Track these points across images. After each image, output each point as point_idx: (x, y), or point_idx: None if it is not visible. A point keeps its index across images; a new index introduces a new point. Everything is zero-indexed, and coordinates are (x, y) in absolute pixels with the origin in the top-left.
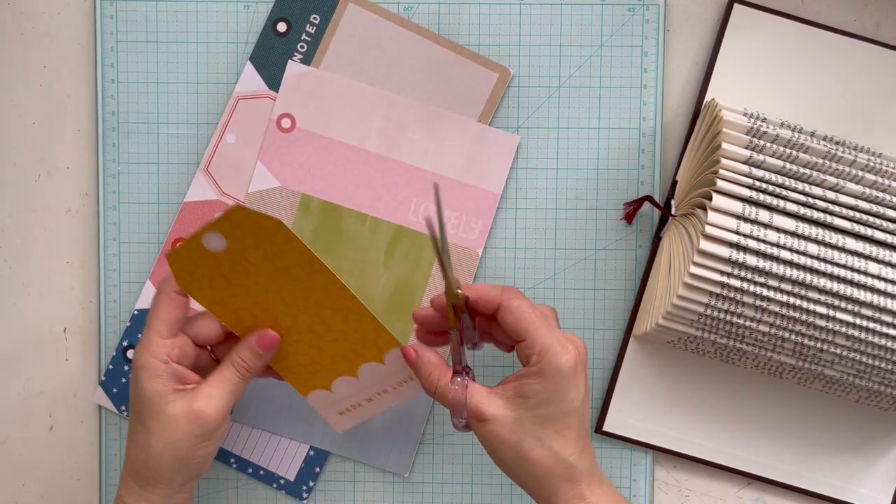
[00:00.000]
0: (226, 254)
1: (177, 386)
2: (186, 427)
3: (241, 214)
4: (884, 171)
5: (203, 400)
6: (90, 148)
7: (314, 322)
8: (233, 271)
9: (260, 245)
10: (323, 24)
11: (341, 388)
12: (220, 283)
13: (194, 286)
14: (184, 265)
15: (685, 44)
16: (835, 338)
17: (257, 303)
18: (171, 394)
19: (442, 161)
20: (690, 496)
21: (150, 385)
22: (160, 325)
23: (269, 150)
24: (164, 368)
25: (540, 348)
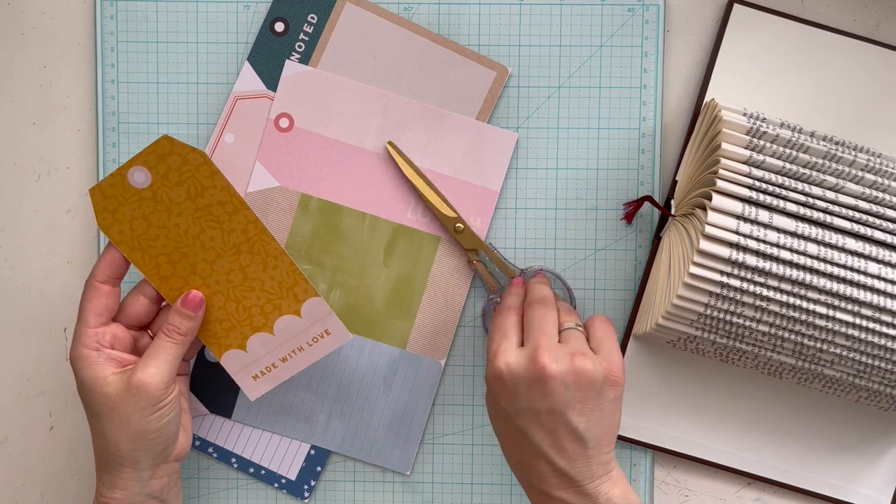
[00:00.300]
0: (149, 190)
1: (115, 370)
2: (130, 401)
3: (167, 146)
4: (884, 171)
5: (139, 372)
6: (90, 148)
7: (232, 269)
8: (155, 211)
9: (183, 180)
10: (321, 23)
11: (256, 347)
12: (141, 225)
13: (115, 227)
14: (107, 203)
15: (685, 44)
16: (835, 338)
17: (177, 248)
18: (109, 377)
19: (440, 159)
20: (690, 496)
21: (87, 373)
22: (87, 316)
23: (267, 150)
24: (96, 356)
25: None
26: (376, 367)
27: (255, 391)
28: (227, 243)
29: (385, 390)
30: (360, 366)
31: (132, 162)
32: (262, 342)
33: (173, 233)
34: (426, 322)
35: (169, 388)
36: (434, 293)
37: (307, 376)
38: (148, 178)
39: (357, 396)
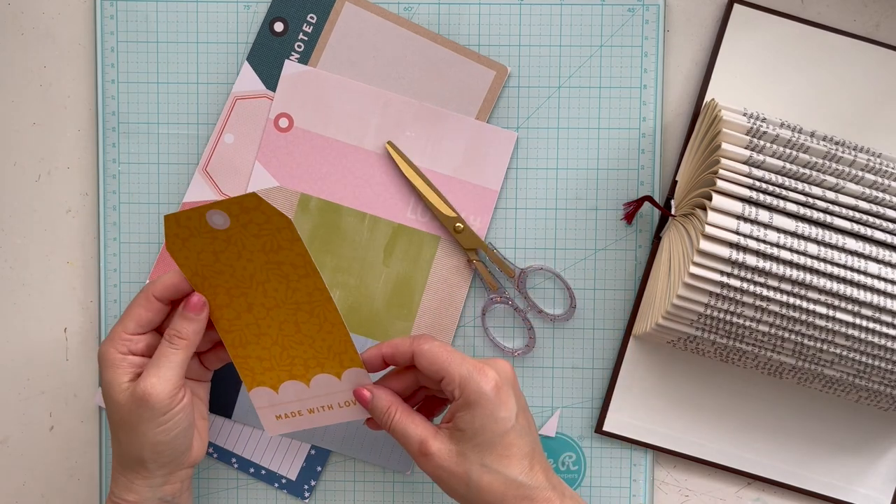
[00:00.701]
0: (225, 232)
1: (130, 378)
2: (136, 412)
3: (254, 202)
4: (884, 171)
5: (143, 382)
6: (90, 148)
7: (287, 320)
8: (225, 250)
9: (262, 235)
10: (320, 23)
11: (288, 392)
12: (208, 257)
13: (182, 252)
14: (179, 231)
15: (685, 44)
16: (835, 338)
17: (238, 285)
18: (123, 383)
19: (440, 158)
20: (690, 496)
21: (106, 375)
22: (129, 322)
23: (267, 150)
24: (120, 359)
25: (459, 381)
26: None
27: (275, 429)
28: (289, 298)
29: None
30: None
31: (215, 206)
32: (295, 389)
33: (239, 273)
34: (426, 322)
35: (174, 397)
36: (434, 293)
37: None
38: (227, 222)
39: None
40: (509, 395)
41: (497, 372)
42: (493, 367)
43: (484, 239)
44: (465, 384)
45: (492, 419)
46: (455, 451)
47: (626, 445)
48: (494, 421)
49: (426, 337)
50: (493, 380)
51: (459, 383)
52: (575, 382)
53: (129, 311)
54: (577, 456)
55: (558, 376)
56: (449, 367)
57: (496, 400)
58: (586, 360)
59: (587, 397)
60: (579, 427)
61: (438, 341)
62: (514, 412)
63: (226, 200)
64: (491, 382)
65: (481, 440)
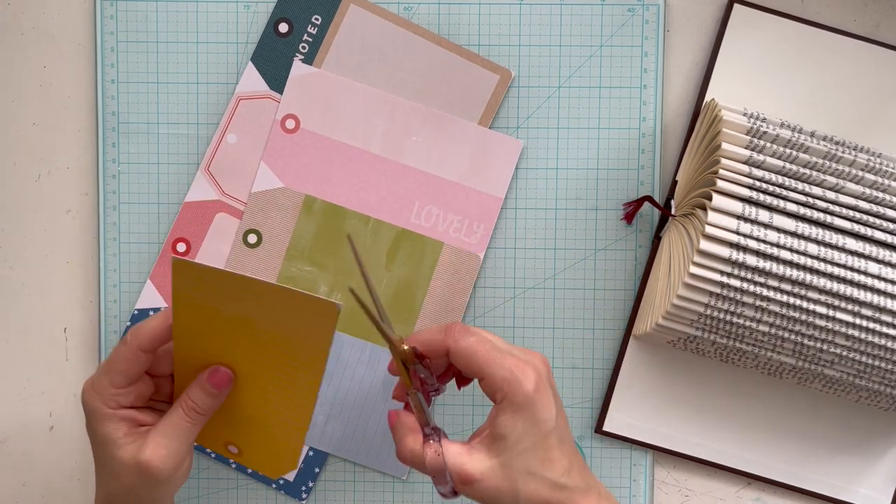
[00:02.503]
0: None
1: (129, 430)
2: (136, 476)
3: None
4: (884, 171)
5: (150, 449)
6: (90, 148)
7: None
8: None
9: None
10: (324, 24)
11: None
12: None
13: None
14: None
15: (685, 44)
16: (835, 338)
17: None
18: (122, 438)
19: (445, 164)
20: (690, 496)
21: (101, 429)
22: (116, 376)
23: (272, 151)
24: (112, 414)
25: (501, 382)
26: (375, 371)
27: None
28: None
29: (384, 394)
30: (359, 369)
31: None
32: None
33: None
34: (427, 326)
35: (179, 468)
36: (435, 298)
37: None
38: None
39: (356, 399)
40: (549, 395)
41: (536, 369)
42: (531, 364)
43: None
44: (507, 387)
45: (534, 422)
46: (498, 464)
47: (626, 445)
48: (537, 424)
49: (461, 329)
50: (535, 380)
51: (502, 386)
52: (575, 382)
53: (115, 364)
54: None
55: (558, 376)
56: (490, 367)
57: (539, 401)
58: (586, 360)
59: (587, 397)
60: (579, 427)
61: (474, 335)
62: (554, 413)
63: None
64: (533, 383)
65: (525, 446)
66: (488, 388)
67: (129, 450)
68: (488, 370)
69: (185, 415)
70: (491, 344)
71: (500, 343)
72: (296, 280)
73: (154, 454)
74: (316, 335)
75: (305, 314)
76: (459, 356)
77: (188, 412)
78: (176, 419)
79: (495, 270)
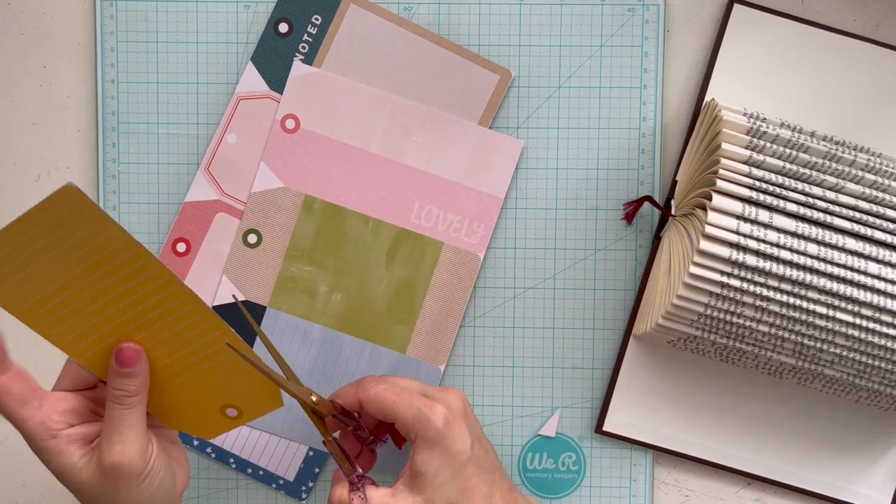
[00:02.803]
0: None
1: (82, 451)
2: (110, 483)
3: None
4: (884, 171)
5: (106, 453)
6: (90, 148)
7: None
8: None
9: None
10: (325, 24)
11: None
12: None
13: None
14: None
15: (685, 44)
16: (835, 338)
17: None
18: (78, 462)
19: (445, 164)
20: (690, 496)
21: (54, 465)
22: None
23: (272, 151)
24: (55, 444)
25: (412, 421)
26: (375, 371)
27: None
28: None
29: None
30: (359, 369)
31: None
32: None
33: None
34: (427, 327)
35: (145, 455)
36: (435, 298)
37: (305, 379)
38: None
39: None
40: (462, 427)
41: (447, 405)
42: (442, 401)
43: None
44: (418, 424)
45: (449, 455)
46: (421, 500)
47: (626, 445)
48: (452, 456)
49: (370, 380)
50: (443, 415)
51: (413, 425)
52: (575, 382)
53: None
54: (577, 456)
55: (558, 376)
56: (398, 410)
57: (450, 435)
58: (586, 360)
59: (587, 397)
60: (579, 427)
61: (384, 383)
62: (468, 444)
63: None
64: (441, 418)
65: (442, 479)
66: (402, 428)
67: (90, 466)
68: (398, 412)
69: (118, 405)
70: (400, 388)
71: (414, 385)
72: (296, 280)
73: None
74: (99, 231)
75: (65, 222)
76: (370, 403)
77: (119, 401)
78: (114, 413)
79: (495, 270)
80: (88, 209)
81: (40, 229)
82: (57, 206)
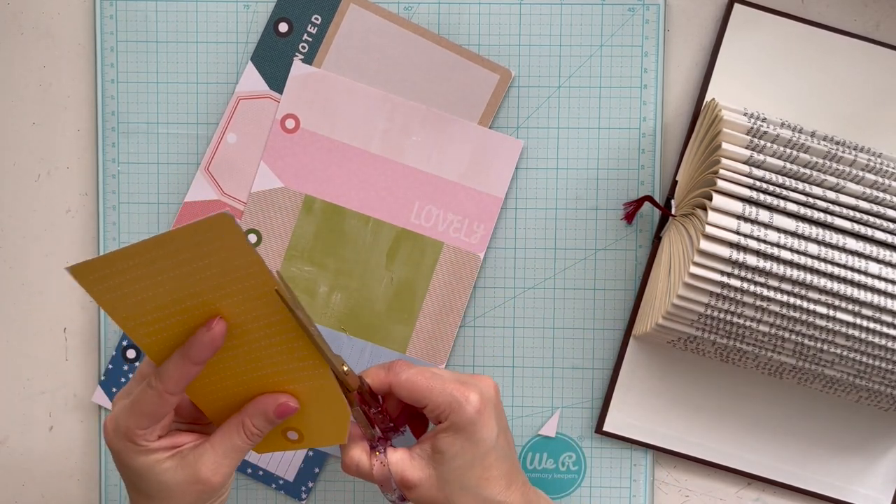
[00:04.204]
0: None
1: (168, 454)
2: (191, 490)
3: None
4: (884, 171)
5: (210, 467)
6: (90, 148)
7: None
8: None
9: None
10: (324, 24)
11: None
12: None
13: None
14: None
15: (685, 44)
16: (835, 338)
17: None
18: (164, 462)
19: (445, 164)
20: (690, 496)
21: (136, 461)
22: (143, 420)
23: (272, 151)
24: (145, 447)
25: (444, 406)
26: None
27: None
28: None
29: None
30: (359, 369)
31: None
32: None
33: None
34: (426, 327)
35: (230, 478)
36: (435, 298)
37: None
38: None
39: None
40: (491, 417)
41: (480, 394)
42: (475, 390)
43: (486, 245)
44: (448, 411)
45: (472, 442)
46: (435, 475)
47: (626, 445)
48: (475, 444)
49: (401, 364)
50: (476, 404)
51: (444, 410)
52: (575, 382)
53: (141, 407)
54: (577, 456)
55: (558, 376)
56: (430, 395)
57: (479, 422)
58: (586, 360)
59: (587, 397)
60: (579, 427)
61: (415, 367)
62: (495, 433)
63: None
64: (475, 406)
65: (461, 462)
66: (432, 414)
67: (180, 472)
68: (429, 397)
69: (246, 438)
70: (431, 373)
71: (444, 373)
72: (296, 280)
73: (214, 471)
74: (238, 261)
75: (211, 247)
76: (401, 387)
77: (250, 437)
78: (236, 440)
79: (495, 270)
80: (237, 237)
81: (178, 246)
82: (208, 229)
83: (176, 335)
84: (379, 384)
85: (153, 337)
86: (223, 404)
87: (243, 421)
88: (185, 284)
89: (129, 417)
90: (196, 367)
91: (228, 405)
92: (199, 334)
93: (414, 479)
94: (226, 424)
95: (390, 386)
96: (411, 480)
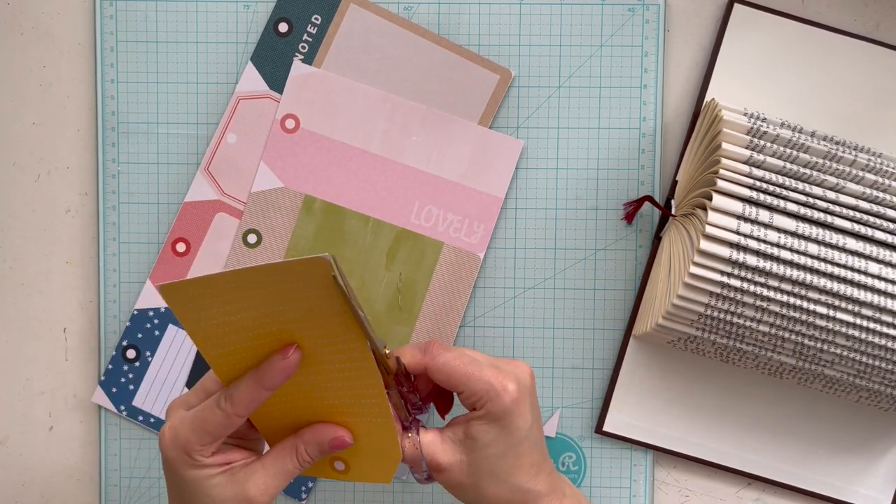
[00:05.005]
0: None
1: (220, 470)
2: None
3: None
4: (884, 171)
5: (259, 486)
6: (90, 148)
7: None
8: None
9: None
10: (324, 24)
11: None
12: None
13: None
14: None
15: (685, 44)
16: (835, 338)
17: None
18: (215, 477)
19: (445, 164)
20: (690, 496)
21: (189, 473)
22: (206, 437)
23: (272, 151)
24: (199, 462)
25: (481, 393)
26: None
27: None
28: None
29: None
30: None
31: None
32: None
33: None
34: (426, 327)
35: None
36: (435, 298)
37: None
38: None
39: None
40: (526, 407)
41: (517, 383)
42: (513, 378)
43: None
44: (485, 399)
45: (508, 431)
46: (465, 461)
47: (626, 445)
48: (510, 433)
49: (438, 347)
50: (513, 394)
51: (481, 397)
52: (575, 382)
53: (206, 425)
54: (577, 456)
55: (558, 376)
56: (468, 382)
57: (515, 412)
58: (586, 360)
59: (587, 397)
60: (579, 427)
61: (452, 350)
62: (529, 423)
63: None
64: (512, 395)
65: (494, 451)
66: (468, 400)
67: (228, 488)
68: (467, 384)
69: (297, 464)
70: (469, 358)
71: (480, 357)
72: None
73: (263, 492)
74: (326, 301)
75: (304, 285)
76: (437, 371)
77: (301, 463)
78: (288, 465)
79: (495, 270)
80: (330, 282)
81: (273, 280)
82: (306, 269)
83: (247, 358)
84: (415, 366)
85: (226, 358)
86: (279, 425)
87: (297, 446)
88: (269, 313)
89: (191, 432)
90: (267, 393)
91: (284, 427)
92: (275, 361)
93: (444, 462)
94: (279, 447)
95: (426, 368)
96: (442, 464)
